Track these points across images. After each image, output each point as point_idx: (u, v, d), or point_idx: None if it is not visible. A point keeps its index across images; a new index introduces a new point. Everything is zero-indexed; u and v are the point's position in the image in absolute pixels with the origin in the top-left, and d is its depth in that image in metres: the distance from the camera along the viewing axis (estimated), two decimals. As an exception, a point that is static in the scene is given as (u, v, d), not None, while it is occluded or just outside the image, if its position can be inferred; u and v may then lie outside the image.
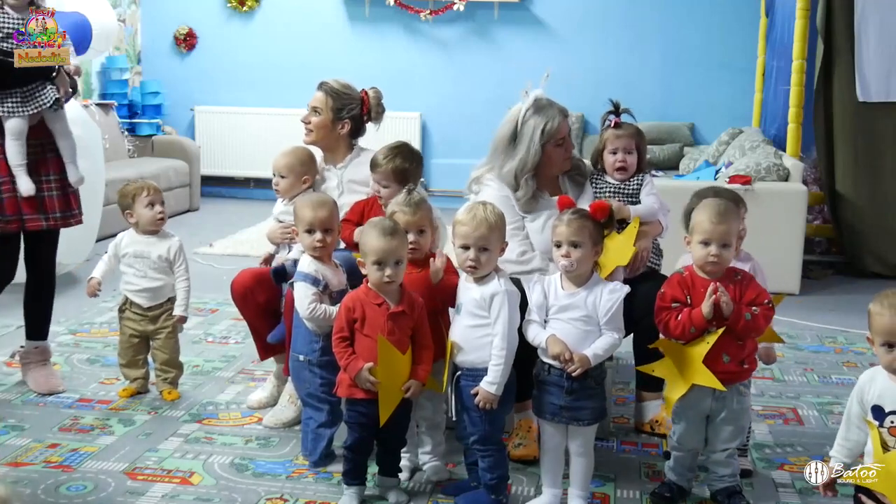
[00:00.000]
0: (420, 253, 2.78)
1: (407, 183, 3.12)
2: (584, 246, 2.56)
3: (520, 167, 3.14)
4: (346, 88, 3.49)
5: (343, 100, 3.46)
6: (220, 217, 7.59)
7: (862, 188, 5.88)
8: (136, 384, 3.54)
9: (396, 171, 3.12)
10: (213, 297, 4.87)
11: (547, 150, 3.15)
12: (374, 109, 3.51)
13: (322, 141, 3.49)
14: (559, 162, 3.20)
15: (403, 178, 3.12)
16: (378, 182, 3.17)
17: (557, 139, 3.15)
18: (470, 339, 2.61)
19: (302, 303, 2.85)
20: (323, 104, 3.45)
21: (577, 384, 2.57)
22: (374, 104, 3.51)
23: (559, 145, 3.17)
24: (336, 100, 3.45)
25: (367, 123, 3.54)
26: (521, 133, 3.15)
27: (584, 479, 2.66)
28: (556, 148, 3.17)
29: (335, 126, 3.45)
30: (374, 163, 3.19)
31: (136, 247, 3.49)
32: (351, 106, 3.46)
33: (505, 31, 8.17)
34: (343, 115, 3.45)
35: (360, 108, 3.48)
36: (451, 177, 8.11)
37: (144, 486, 2.79)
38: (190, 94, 8.55)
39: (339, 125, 3.45)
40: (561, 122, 3.15)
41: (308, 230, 2.90)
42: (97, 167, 5.37)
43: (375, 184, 3.18)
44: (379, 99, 3.54)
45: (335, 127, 3.45)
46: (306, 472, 2.92)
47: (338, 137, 3.47)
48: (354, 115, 3.47)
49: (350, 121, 3.46)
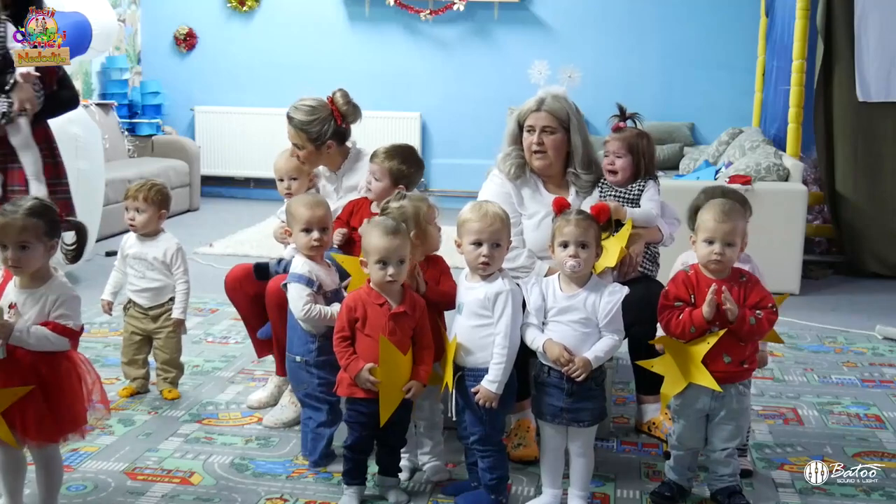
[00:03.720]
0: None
1: (399, 184, 3.14)
2: (591, 247, 2.57)
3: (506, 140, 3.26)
4: (313, 112, 3.36)
5: (315, 126, 3.35)
6: (220, 217, 7.59)
7: (862, 188, 5.88)
8: (136, 384, 3.54)
9: (392, 170, 3.15)
10: (213, 297, 4.87)
11: (522, 134, 3.22)
12: (347, 112, 3.40)
13: (319, 163, 3.46)
14: (528, 149, 3.23)
15: (397, 179, 3.15)
16: (372, 174, 3.18)
17: (527, 125, 3.21)
18: (473, 339, 2.61)
19: (296, 304, 2.85)
20: (300, 139, 3.37)
21: (576, 386, 2.57)
22: (345, 108, 3.39)
23: (528, 131, 3.21)
24: (309, 131, 3.35)
25: (350, 126, 3.45)
26: None
27: (584, 479, 2.66)
28: (526, 133, 3.22)
29: (321, 150, 3.39)
30: (374, 154, 3.22)
31: (136, 248, 3.50)
32: (326, 127, 3.36)
33: (505, 31, 8.17)
34: (324, 139, 3.36)
35: (333, 121, 3.37)
36: (451, 177, 8.12)
37: (144, 486, 2.79)
38: (190, 94, 8.55)
39: (325, 147, 3.39)
40: (531, 108, 3.20)
41: (305, 229, 2.90)
42: (97, 167, 5.38)
43: (369, 174, 3.20)
44: (347, 100, 3.41)
45: (322, 151, 3.40)
46: (306, 472, 2.92)
47: (330, 155, 3.43)
48: (333, 130, 3.37)
49: (332, 138, 3.38)
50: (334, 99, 3.41)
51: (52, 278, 2.43)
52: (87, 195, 5.21)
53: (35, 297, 2.39)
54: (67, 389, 2.42)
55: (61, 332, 2.37)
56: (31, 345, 2.34)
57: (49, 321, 2.37)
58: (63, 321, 2.38)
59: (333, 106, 3.39)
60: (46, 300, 2.39)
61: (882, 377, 3.99)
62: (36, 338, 2.34)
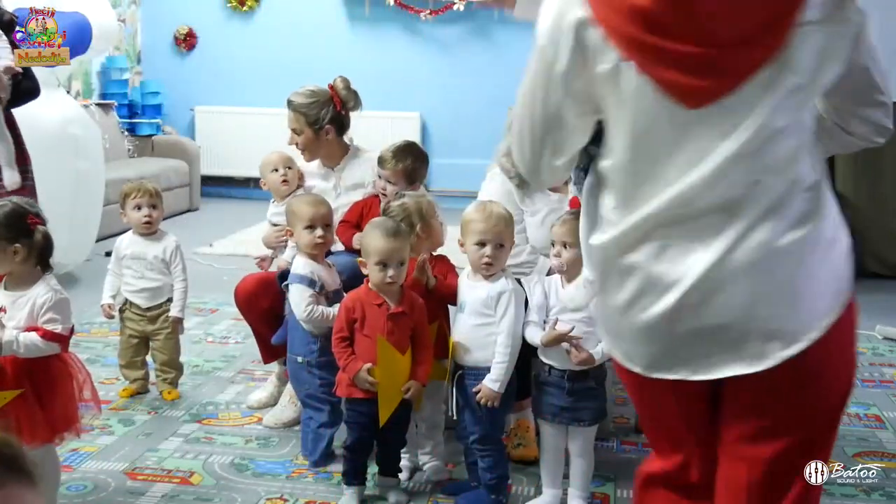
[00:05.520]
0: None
1: (414, 182, 3.13)
2: (575, 246, 2.56)
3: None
4: (312, 95, 3.35)
5: (314, 109, 3.33)
6: (220, 217, 7.59)
7: (862, 188, 5.87)
8: (135, 385, 3.54)
9: (406, 170, 3.13)
10: (213, 297, 4.87)
11: None
12: (347, 98, 3.37)
13: (317, 153, 3.43)
14: None
15: (411, 178, 3.14)
16: (386, 179, 3.16)
17: None
18: (475, 338, 2.62)
19: (299, 305, 2.85)
20: (298, 123, 3.36)
21: (577, 385, 2.57)
22: (345, 93, 3.37)
23: None
24: (307, 114, 3.33)
25: (349, 114, 3.42)
26: None
27: (584, 479, 2.66)
28: None
29: (320, 136, 3.36)
30: (381, 160, 3.18)
31: (134, 248, 3.49)
32: (324, 111, 3.33)
33: (505, 31, 8.16)
34: (322, 123, 3.34)
35: (333, 106, 3.35)
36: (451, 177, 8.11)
37: (144, 486, 2.79)
38: (190, 94, 8.54)
39: (323, 133, 3.36)
40: None
41: (309, 226, 2.90)
42: (97, 167, 5.38)
43: (382, 180, 3.18)
44: (348, 86, 3.39)
45: (320, 137, 3.36)
46: (306, 472, 2.92)
47: (328, 143, 3.39)
48: (332, 115, 3.35)
49: (331, 123, 3.35)
50: (334, 85, 3.39)
51: (41, 280, 2.42)
52: (87, 195, 5.21)
53: (23, 299, 2.39)
54: (59, 389, 2.42)
55: (51, 339, 2.37)
56: (22, 354, 2.34)
57: (38, 327, 2.37)
58: (52, 326, 2.38)
59: (333, 91, 3.37)
60: (35, 303, 2.39)
61: (882, 377, 3.99)
62: (25, 346, 2.34)
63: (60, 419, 2.43)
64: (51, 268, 2.49)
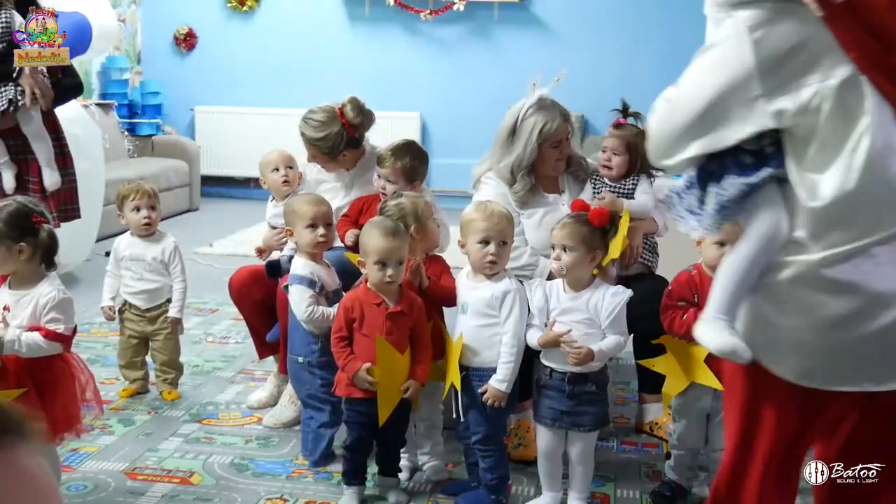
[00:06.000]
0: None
1: (414, 181, 3.12)
2: (575, 250, 2.56)
3: (516, 163, 3.12)
4: (322, 128, 3.26)
5: (327, 142, 3.27)
6: (220, 217, 7.58)
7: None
8: (135, 385, 3.54)
9: (406, 169, 3.12)
10: (213, 297, 4.87)
11: (543, 150, 3.12)
12: (358, 124, 3.29)
13: (337, 168, 3.40)
14: (552, 163, 3.17)
15: (411, 176, 3.13)
16: (385, 178, 3.15)
17: (553, 141, 3.11)
18: (478, 338, 2.61)
19: (299, 306, 2.85)
20: (312, 152, 3.33)
21: (577, 388, 2.57)
22: (356, 120, 3.28)
23: (555, 147, 3.14)
24: (321, 147, 3.28)
25: (364, 133, 3.37)
26: (520, 129, 3.12)
27: (583, 484, 2.66)
28: (552, 149, 3.14)
29: (339, 161, 3.34)
30: (380, 158, 3.17)
31: (132, 249, 3.49)
32: (337, 141, 3.27)
33: (505, 31, 8.17)
34: (336, 153, 3.30)
35: (345, 132, 3.27)
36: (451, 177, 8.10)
37: (144, 486, 2.79)
38: (190, 94, 8.54)
39: (340, 158, 3.33)
40: (560, 125, 3.11)
41: (310, 225, 2.89)
42: (97, 167, 5.37)
43: (381, 179, 3.17)
44: (358, 109, 3.30)
45: (339, 161, 3.35)
46: (306, 472, 2.92)
47: (345, 159, 3.36)
48: (346, 141, 3.29)
49: (345, 149, 3.31)
50: (344, 112, 3.28)
51: (44, 280, 2.42)
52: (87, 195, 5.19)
53: (27, 298, 2.39)
54: (62, 390, 2.42)
55: (53, 339, 2.37)
56: (24, 353, 2.34)
57: (41, 327, 2.37)
58: (54, 325, 2.38)
59: (344, 119, 3.28)
60: (38, 302, 2.39)
61: None
62: (27, 346, 2.34)
63: (61, 419, 2.43)
64: (55, 265, 2.49)
